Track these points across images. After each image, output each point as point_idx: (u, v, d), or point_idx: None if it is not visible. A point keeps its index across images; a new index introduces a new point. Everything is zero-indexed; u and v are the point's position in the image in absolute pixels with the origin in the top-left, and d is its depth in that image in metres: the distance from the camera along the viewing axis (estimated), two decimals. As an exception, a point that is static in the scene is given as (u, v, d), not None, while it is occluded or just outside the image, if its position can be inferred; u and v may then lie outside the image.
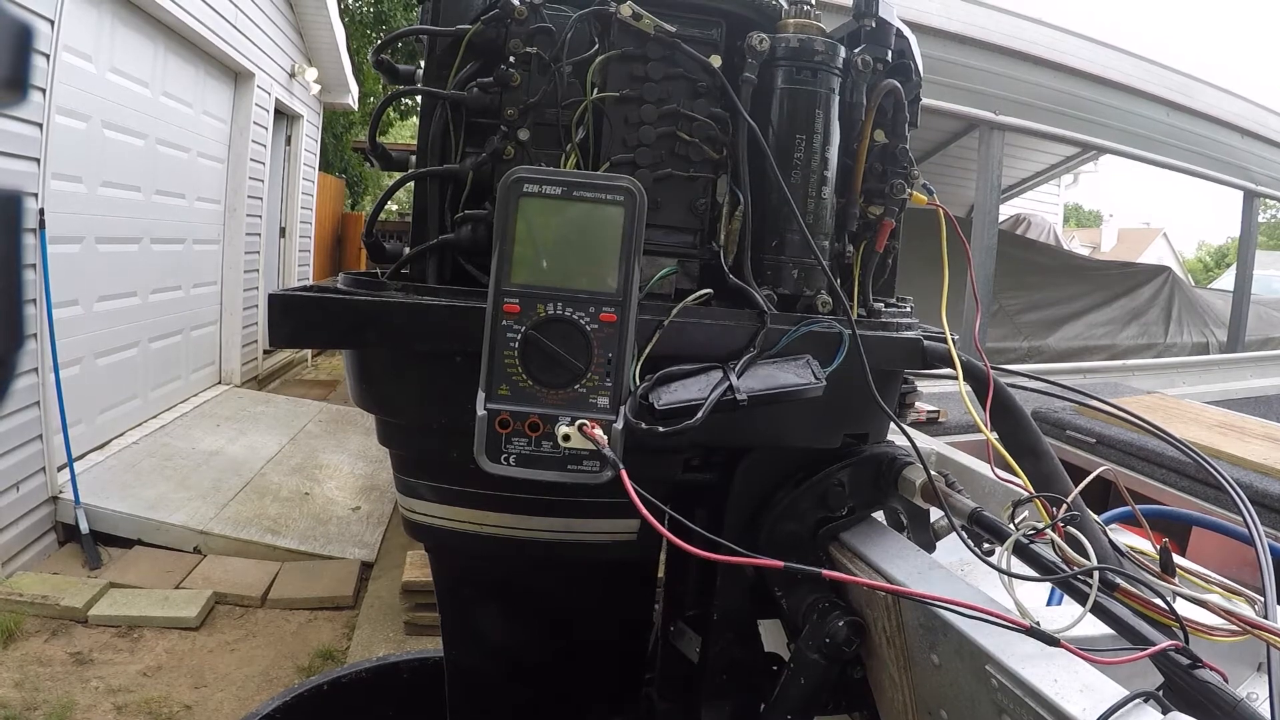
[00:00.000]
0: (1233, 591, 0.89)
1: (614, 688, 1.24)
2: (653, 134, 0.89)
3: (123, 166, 5.02)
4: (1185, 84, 6.04)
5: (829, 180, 0.93)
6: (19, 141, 3.79)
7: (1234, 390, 5.81)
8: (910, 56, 1.02)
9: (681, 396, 0.79)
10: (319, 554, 4.28)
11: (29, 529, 3.94)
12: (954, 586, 0.86)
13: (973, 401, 0.92)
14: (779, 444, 0.98)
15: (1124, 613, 0.72)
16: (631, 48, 0.88)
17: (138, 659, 3.34)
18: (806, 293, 0.92)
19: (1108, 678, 0.69)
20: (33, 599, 3.56)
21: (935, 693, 0.86)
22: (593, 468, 0.76)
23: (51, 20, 3.96)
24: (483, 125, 0.90)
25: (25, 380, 3.94)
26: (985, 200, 5.13)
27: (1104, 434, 3.17)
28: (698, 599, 1.15)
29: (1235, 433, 3.13)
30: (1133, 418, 1.09)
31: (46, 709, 2.95)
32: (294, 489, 5.00)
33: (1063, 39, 5.31)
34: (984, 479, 1.31)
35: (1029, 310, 6.57)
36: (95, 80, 4.60)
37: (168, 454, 5.09)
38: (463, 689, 1.19)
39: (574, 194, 0.76)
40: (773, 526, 1.02)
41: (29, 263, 3.83)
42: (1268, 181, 6.89)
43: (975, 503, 0.89)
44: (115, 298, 5.05)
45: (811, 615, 0.97)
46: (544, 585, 1.12)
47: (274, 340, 0.84)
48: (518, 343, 0.76)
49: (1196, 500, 2.75)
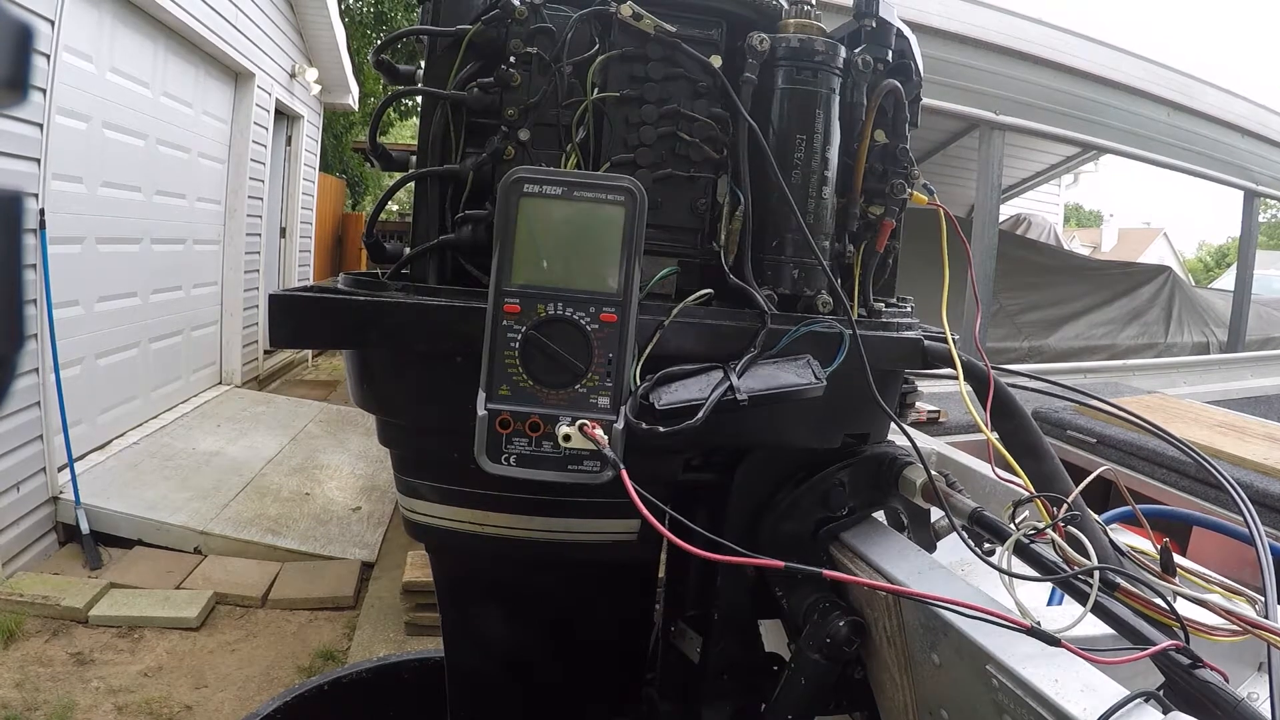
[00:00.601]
0: (1233, 591, 0.89)
1: (615, 688, 1.24)
2: (653, 134, 0.89)
3: (123, 167, 5.02)
4: (1186, 84, 6.03)
5: (829, 180, 0.93)
6: (19, 142, 3.79)
7: (1234, 390, 5.81)
8: (911, 56, 1.02)
9: (682, 396, 0.79)
10: (320, 554, 4.28)
11: (29, 529, 3.94)
12: (955, 586, 0.86)
13: (973, 401, 0.92)
14: (780, 444, 0.98)
15: (1125, 613, 0.72)
16: (632, 48, 0.88)
17: (138, 659, 3.34)
18: (807, 293, 0.92)
19: (1108, 677, 0.69)
20: (33, 599, 3.56)
21: (936, 692, 0.86)
22: (593, 468, 0.76)
23: (52, 20, 3.96)
24: (483, 125, 0.90)
25: (26, 380, 3.94)
26: (985, 200, 5.13)
27: (1104, 434, 3.17)
28: (698, 599, 1.15)
29: (1235, 432, 3.13)
30: (1133, 418, 1.09)
31: (47, 709, 2.95)
32: (294, 489, 5.00)
33: (1063, 39, 5.31)
34: (984, 479, 1.31)
35: (1029, 310, 6.56)
36: (95, 80, 4.60)
37: (168, 454, 5.09)
38: (464, 689, 1.19)
39: (574, 194, 0.76)
40: (773, 526, 1.02)
41: (29, 263, 3.83)
42: (1268, 181, 6.89)
43: (976, 503, 0.89)
44: (116, 298, 5.05)
45: (812, 615, 0.97)
46: (545, 585, 1.12)
47: (275, 340, 0.84)
48: (518, 343, 0.76)
49: (1197, 500, 2.75)
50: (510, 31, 0.88)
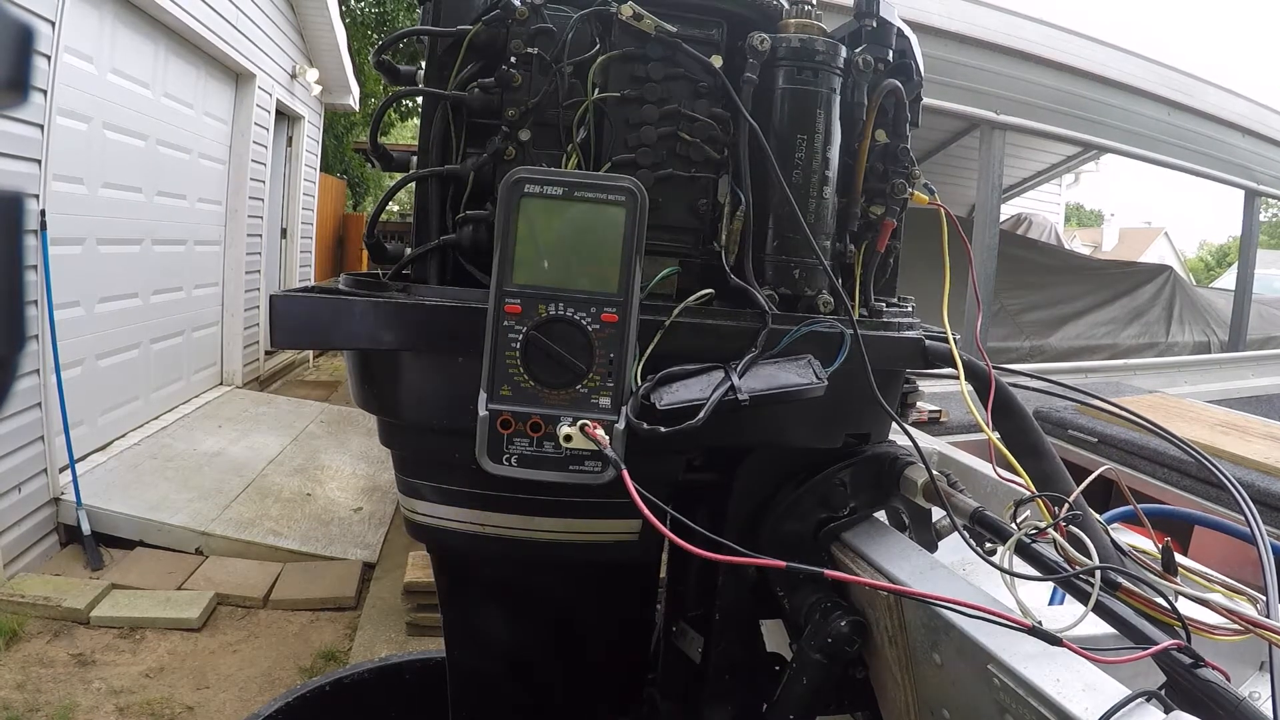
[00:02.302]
0: (1235, 590, 0.89)
1: (616, 688, 1.24)
2: (654, 134, 0.88)
3: (124, 168, 5.02)
4: (1187, 83, 6.03)
5: (830, 180, 0.93)
6: (20, 143, 3.79)
7: (1235, 389, 5.82)
8: (911, 56, 1.02)
9: (683, 397, 0.79)
10: (321, 555, 4.28)
11: (31, 530, 3.95)
12: (956, 586, 0.86)
13: (974, 401, 0.92)
14: (781, 444, 0.98)
15: (1126, 612, 0.72)
16: (632, 48, 0.88)
17: (140, 660, 3.34)
18: (808, 293, 0.91)
19: (1110, 677, 0.69)
20: (35, 600, 3.56)
21: (937, 692, 0.86)
22: (594, 468, 0.76)
23: (52, 21, 3.96)
24: (484, 126, 0.90)
25: (27, 382, 3.95)
26: (986, 200, 5.13)
27: (1106, 433, 3.16)
28: (700, 599, 1.15)
29: (1237, 432, 3.13)
30: (1134, 417, 1.09)
31: (49, 710, 2.95)
32: (296, 490, 5.00)
33: (1064, 38, 5.30)
34: (986, 479, 1.30)
35: (1030, 310, 6.56)
36: (96, 81, 4.60)
37: (169, 455, 5.10)
38: (465, 689, 1.19)
39: (575, 194, 0.77)
40: (775, 526, 1.01)
41: (30, 264, 3.84)
42: (1269, 181, 6.89)
43: (977, 502, 0.89)
44: (117, 299, 5.05)
45: (814, 615, 0.97)
46: (546, 586, 1.12)
47: (276, 341, 0.84)
48: (519, 343, 0.76)
49: (1198, 499, 2.76)
50: (511, 32, 0.88)
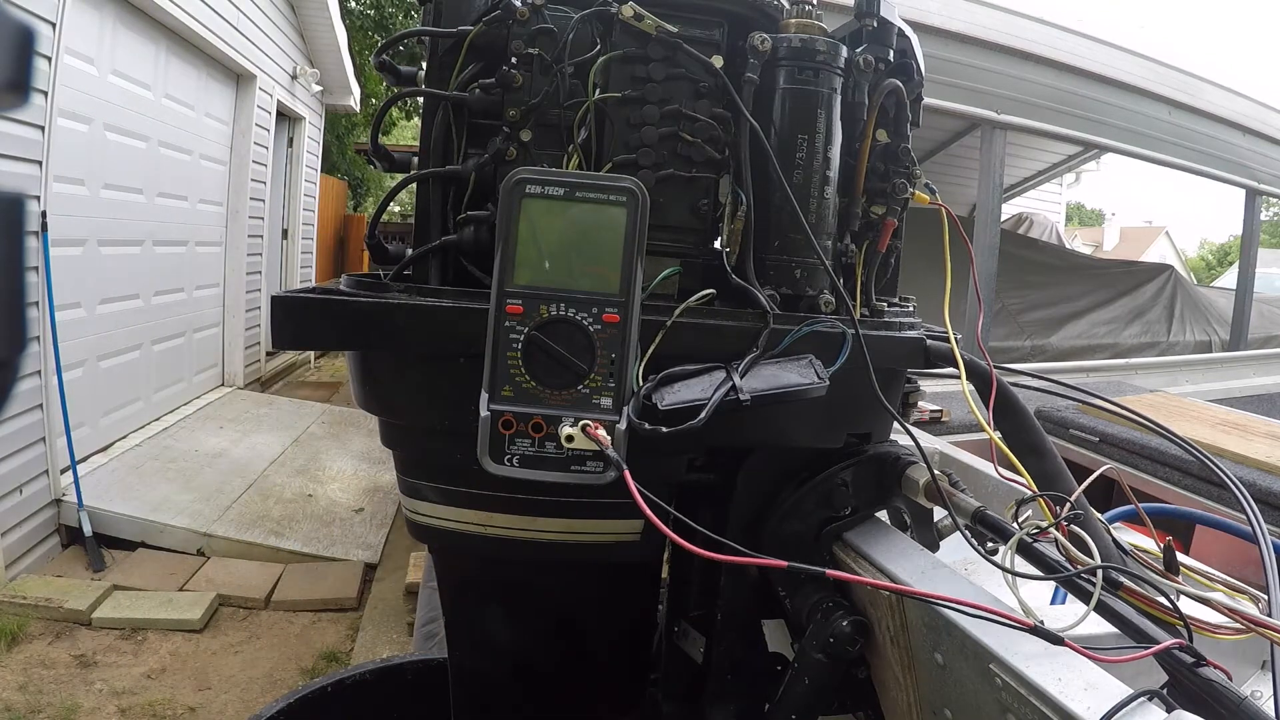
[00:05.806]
0: (1236, 590, 0.89)
1: (618, 689, 1.24)
2: (655, 134, 0.89)
3: (125, 169, 5.02)
4: (1188, 83, 6.02)
5: (831, 180, 0.93)
6: (21, 144, 3.80)
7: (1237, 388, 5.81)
8: (912, 56, 1.02)
9: (685, 397, 0.79)
10: (322, 556, 4.28)
11: (32, 532, 3.95)
12: (958, 586, 0.86)
13: (976, 401, 0.92)
14: (782, 444, 0.98)
15: (1128, 611, 0.72)
16: (633, 48, 0.88)
17: (141, 661, 3.34)
18: (809, 292, 0.91)
19: (1112, 676, 0.69)
20: (36, 602, 3.56)
21: (939, 692, 0.86)
22: (596, 468, 0.76)
23: (53, 23, 3.97)
24: (485, 126, 0.90)
25: (28, 383, 3.95)
26: (987, 199, 5.12)
27: (1107, 432, 3.16)
28: (701, 599, 1.15)
29: (1238, 431, 3.13)
30: (1136, 416, 1.09)
31: (51, 711, 2.95)
32: (297, 491, 5.00)
33: (1065, 38, 5.30)
34: (987, 478, 1.30)
35: (1031, 309, 6.55)
36: (97, 83, 4.61)
37: (171, 456, 5.10)
38: (467, 690, 1.19)
39: (576, 195, 0.77)
40: (776, 526, 1.01)
41: (31, 265, 3.84)
42: (1270, 180, 6.88)
43: (979, 502, 0.89)
44: (118, 300, 5.06)
45: (815, 615, 0.97)
46: (548, 586, 1.12)
47: (277, 342, 0.84)
48: (521, 344, 0.76)
49: (1200, 499, 2.75)
50: (512, 32, 0.88)
